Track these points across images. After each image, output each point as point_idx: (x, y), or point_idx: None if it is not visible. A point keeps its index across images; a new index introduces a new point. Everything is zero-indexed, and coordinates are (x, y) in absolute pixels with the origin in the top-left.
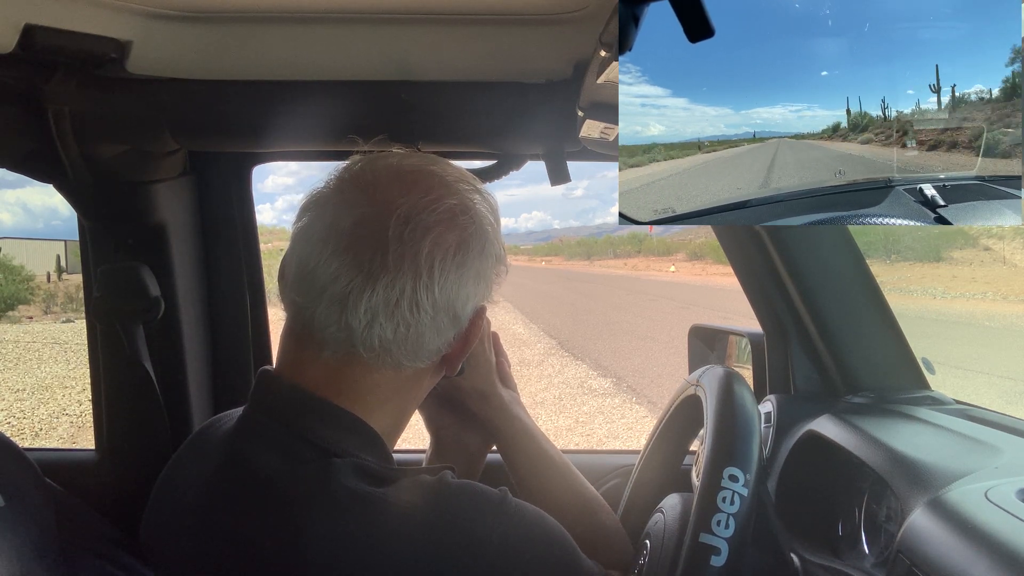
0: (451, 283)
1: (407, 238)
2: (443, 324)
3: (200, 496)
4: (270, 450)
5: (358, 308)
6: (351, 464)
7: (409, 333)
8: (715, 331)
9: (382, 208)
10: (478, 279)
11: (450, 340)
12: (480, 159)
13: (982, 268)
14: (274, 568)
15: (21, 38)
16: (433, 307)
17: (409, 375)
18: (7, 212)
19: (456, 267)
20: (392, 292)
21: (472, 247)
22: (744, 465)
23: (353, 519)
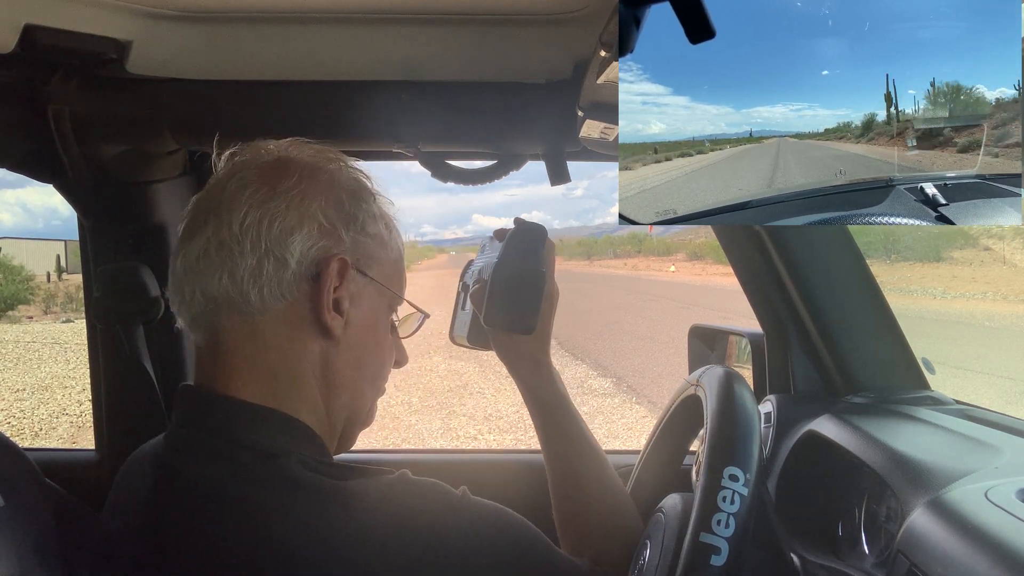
0: (254, 218)
1: (219, 196)
2: (266, 266)
3: (144, 519)
4: (210, 462)
5: (181, 283)
6: (297, 460)
7: (231, 279)
8: (715, 331)
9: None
10: (310, 222)
11: (290, 288)
12: (480, 159)
13: (982, 268)
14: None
15: (21, 38)
16: (239, 244)
17: (286, 345)
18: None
19: (260, 202)
20: (198, 242)
21: (287, 187)
22: (744, 465)
23: (315, 513)
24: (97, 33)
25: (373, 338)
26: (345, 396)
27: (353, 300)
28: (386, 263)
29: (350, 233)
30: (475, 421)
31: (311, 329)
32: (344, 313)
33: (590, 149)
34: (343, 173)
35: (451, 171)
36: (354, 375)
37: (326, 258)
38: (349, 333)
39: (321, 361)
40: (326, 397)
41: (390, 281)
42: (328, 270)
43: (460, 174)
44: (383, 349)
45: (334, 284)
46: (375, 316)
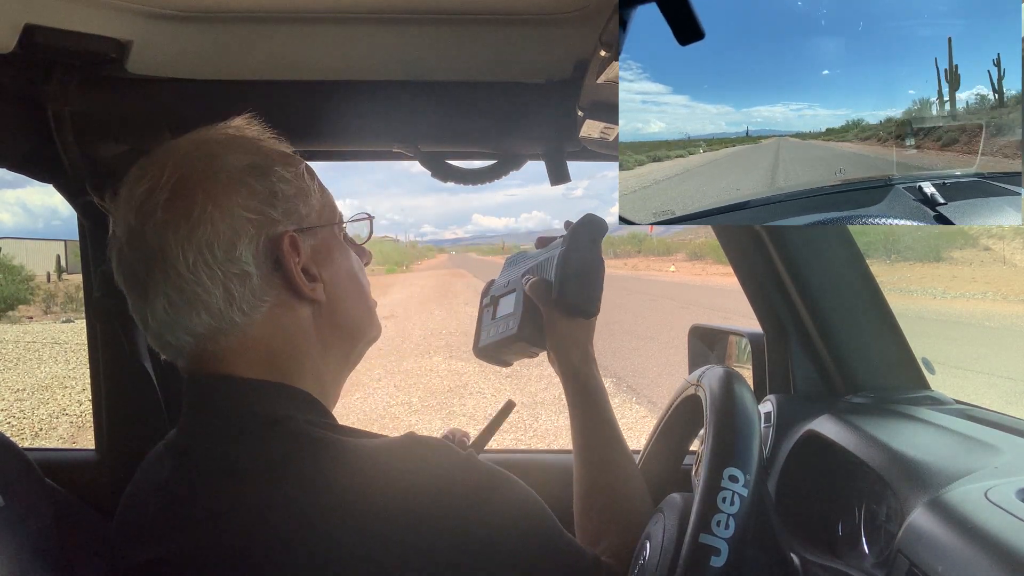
0: (195, 254)
1: (144, 247)
2: (233, 287)
3: (161, 501)
4: (218, 437)
5: (163, 334)
6: (305, 422)
7: (209, 314)
8: (715, 331)
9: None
10: (242, 224)
11: (264, 290)
12: (480, 159)
13: (982, 268)
14: (265, 540)
15: (21, 38)
16: (198, 283)
17: (280, 330)
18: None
19: (187, 238)
20: (158, 298)
21: (199, 210)
22: (744, 465)
23: (323, 467)
24: (97, 33)
25: (350, 275)
26: (345, 341)
27: (316, 258)
28: (319, 204)
29: (277, 209)
30: (475, 421)
31: (298, 305)
32: (317, 276)
33: (590, 149)
34: (233, 162)
35: (451, 171)
36: (350, 317)
37: (274, 245)
38: (331, 287)
39: (315, 324)
40: (323, 355)
41: (329, 216)
42: (283, 253)
43: (460, 174)
44: (359, 275)
45: (295, 260)
46: (336, 253)
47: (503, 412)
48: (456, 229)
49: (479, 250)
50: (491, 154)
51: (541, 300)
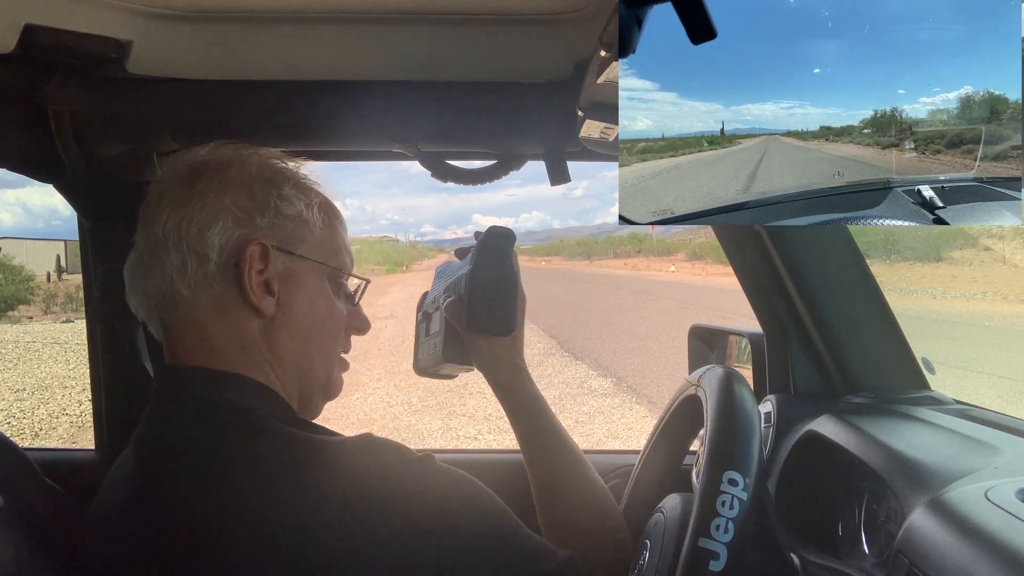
0: (174, 222)
1: (148, 206)
2: (190, 263)
3: (125, 492)
4: (182, 423)
5: (131, 288)
6: (266, 414)
7: (163, 279)
8: (715, 331)
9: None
10: (224, 216)
11: (214, 279)
12: (480, 159)
13: (982, 268)
14: (218, 530)
15: (21, 38)
16: (164, 247)
17: (225, 326)
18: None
19: (178, 206)
20: (136, 251)
21: (201, 187)
22: (744, 468)
23: (282, 460)
24: (97, 33)
25: (313, 312)
26: (292, 368)
27: (284, 279)
28: (317, 239)
29: (265, 218)
30: (475, 421)
31: (245, 310)
32: (276, 293)
33: (590, 149)
34: (253, 164)
35: (451, 171)
36: (298, 348)
37: (243, 246)
38: (286, 310)
39: (263, 338)
40: (275, 368)
41: (324, 255)
42: (246, 256)
43: (460, 174)
44: (327, 322)
45: (257, 268)
46: (315, 291)
47: None
48: (456, 229)
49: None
50: (491, 154)
51: (456, 320)
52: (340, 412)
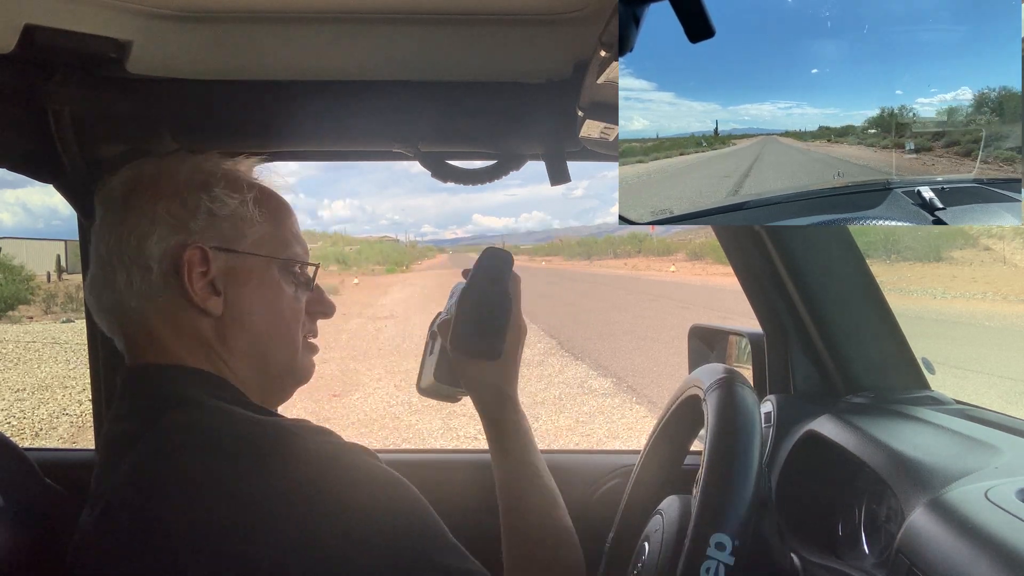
0: (116, 237)
1: (96, 224)
2: (134, 276)
3: (94, 494)
4: (134, 421)
5: (92, 301)
6: (209, 399)
7: (113, 293)
8: (715, 331)
9: None
10: (159, 225)
11: (159, 287)
12: (480, 159)
13: (982, 268)
14: (152, 516)
15: (21, 38)
16: (110, 263)
17: (177, 331)
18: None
19: (118, 223)
20: (91, 267)
21: (135, 201)
22: (733, 530)
23: (229, 436)
24: (97, 33)
25: (264, 304)
26: (248, 359)
27: (229, 277)
28: (259, 234)
29: (199, 222)
30: (475, 421)
31: (194, 313)
32: (222, 292)
33: (590, 149)
34: (183, 171)
35: (451, 171)
36: (253, 340)
37: (180, 252)
38: (235, 307)
39: (216, 336)
40: (228, 361)
41: (270, 248)
42: (184, 262)
43: (460, 174)
44: (280, 311)
45: (200, 270)
46: (263, 284)
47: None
48: (456, 229)
49: (479, 250)
50: (491, 154)
51: (446, 341)
52: (340, 412)
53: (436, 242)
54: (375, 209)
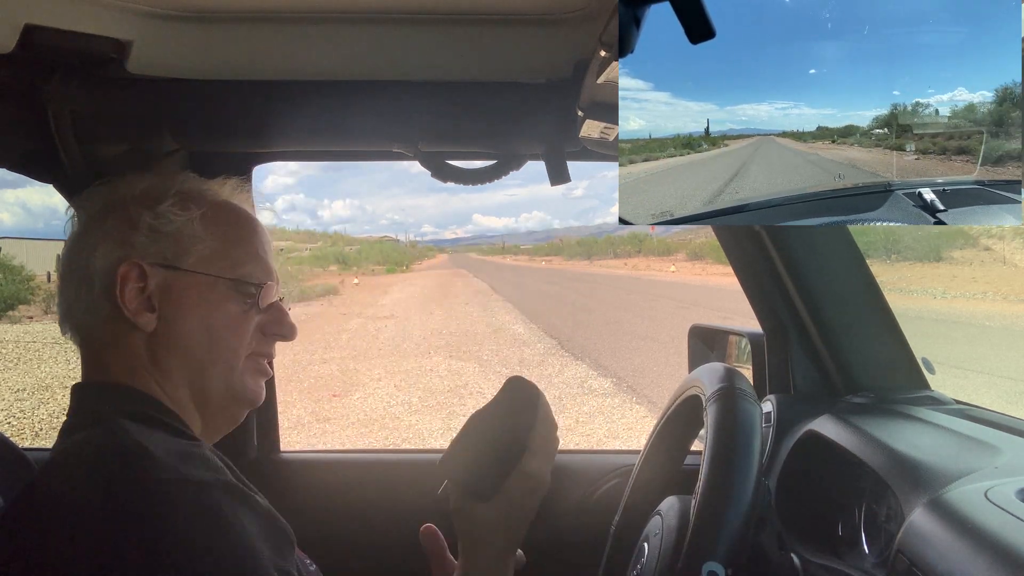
0: (72, 252)
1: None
2: (81, 290)
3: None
4: (64, 438)
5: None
6: (121, 422)
7: (66, 304)
8: (715, 331)
9: None
10: (105, 240)
11: (100, 302)
12: (480, 159)
13: (982, 268)
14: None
15: (21, 38)
16: (65, 277)
17: (114, 344)
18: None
19: (76, 238)
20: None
21: (91, 219)
22: (726, 558)
23: (98, 458)
24: (97, 33)
25: (202, 324)
26: (180, 379)
27: (165, 294)
28: (206, 252)
29: (140, 238)
30: None
31: (128, 329)
32: (156, 308)
33: (590, 149)
34: (137, 187)
35: (451, 171)
36: (186, 360)
37: (117, 266)
38: (168, 324)
39: (148, 352)
40: (160, 380)
41: (217, 267)
42: (119, 276)
43: (460, 174)
44: (220, 332)
45: (137, 285)
46: (204, 302)
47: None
48: (456, 229)
49: (479, 250)
50: (491, 154)
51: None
52: (340, 412)
53: (436, 242)
54: (375, 209)
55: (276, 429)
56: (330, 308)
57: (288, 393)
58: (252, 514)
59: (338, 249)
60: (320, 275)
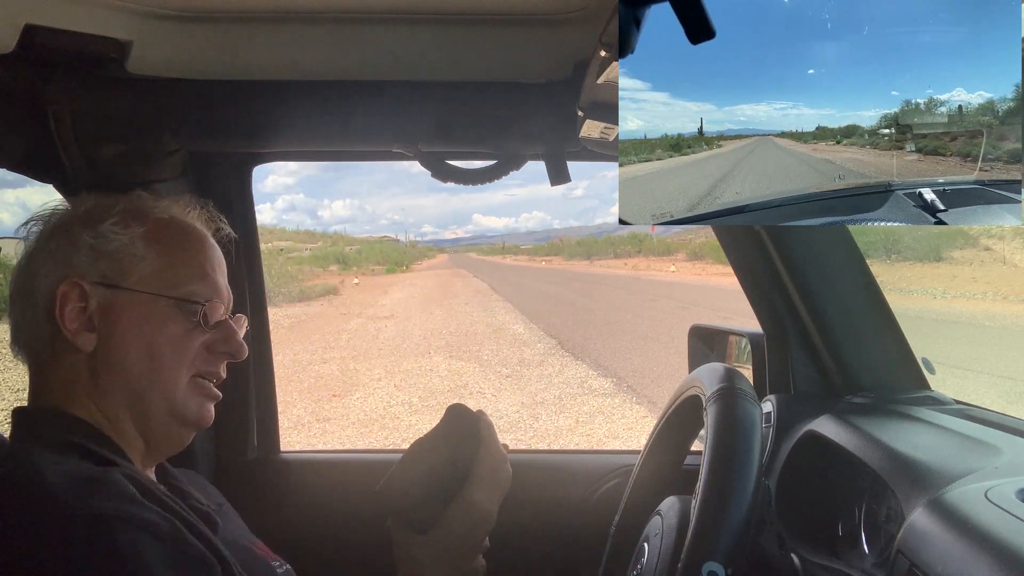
0: (19, 273)
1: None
2: (26, 309)
3: None
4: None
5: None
6: (40, 452)
7: (13, 322)
8: (715, 331)
9: None
10: (47, 260)
11: (42, 322)
12: (480, 159)
13: (982, 268)
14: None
15: (21, 38)
16: (13, 297)
17: (55, 364)
18: (7, 212)
19: (25, 259)
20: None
21: (39, 240)
22: (726, 558)
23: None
24: (97, 33)
25: (141, 342)
26: (119, 401)
27: (105, 314)
28: (149, 270)
29: (81, 257)
30: None
31: (67, 349)
32: (96, 328)
33: (590, 149)
34: (84, 207)
35: (451, 171)
36: (125, 381)
37: (56, 285)
38: (108, 344)
39: (88, 373)
40: (98, 402)
41: (160, 285)
42: (58, 296)
43: (460, 174)
44: (161, 352)
45: (77, 305)
46: (145, 322)
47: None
48: (456, 229)
49: (479, 250)
50: (491, 154)
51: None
52: (340, 412)
53: (436, 242)
54: (375, 209)
55: (276, 429)
56: (330, 308)
57: (288, 393)
58: (156, 545)
59: (338, 249)
60: (320, 275)
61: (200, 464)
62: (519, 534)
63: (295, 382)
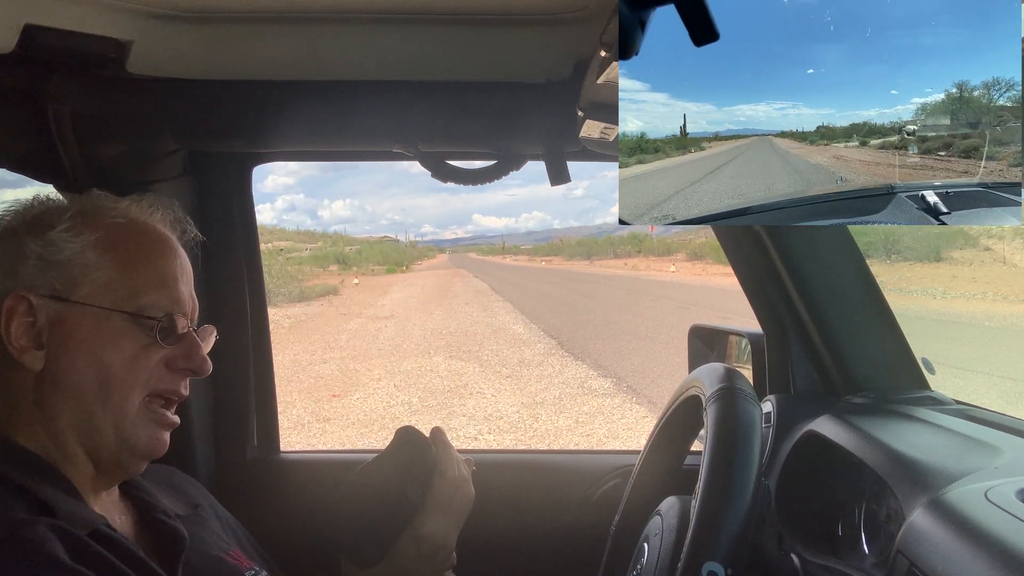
0: None
1: None
2: None
3: None
4: None
5: None
6: None
7: None
8: (715, 331)
9: None
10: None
11: None
12: (480, 159)
13: (982, 268)
14: None
15: (21, 38)
16: None
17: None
18: None
19: None
20: None
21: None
22: (726, 558)
23: None
24: (97, 33)
25: (91, 360)
26: (66, 425)
27: (56, 329)
28: (101, 281)
29: (28, 268)
30: (475, 421)
31: (12, 364)
32: (44, 345)
33: (590, 149)
34: (30, 212)
35: (451, 171)
36: (74, 403)
37: (2, 300)
38: (56, 363)
39: (34, 394)
40: (45, 426)
41: (112, 298)
42: (3, 310)
43: (460, 174)
44: (112, 371)
45: (25, 320)
46: (96, 337)
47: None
48: (456, 229)
49: (479, 250)
50: (491, 154)
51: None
52: (340, 412)
53: (436, 242)
54: (375, 209)
55: (276, 429)
56: (330, 308)
57: (288, 393)
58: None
59: (338, 249)
60: (320, 275)
61: (200, 464)
62: (519, 534)
63: (295, 382)
